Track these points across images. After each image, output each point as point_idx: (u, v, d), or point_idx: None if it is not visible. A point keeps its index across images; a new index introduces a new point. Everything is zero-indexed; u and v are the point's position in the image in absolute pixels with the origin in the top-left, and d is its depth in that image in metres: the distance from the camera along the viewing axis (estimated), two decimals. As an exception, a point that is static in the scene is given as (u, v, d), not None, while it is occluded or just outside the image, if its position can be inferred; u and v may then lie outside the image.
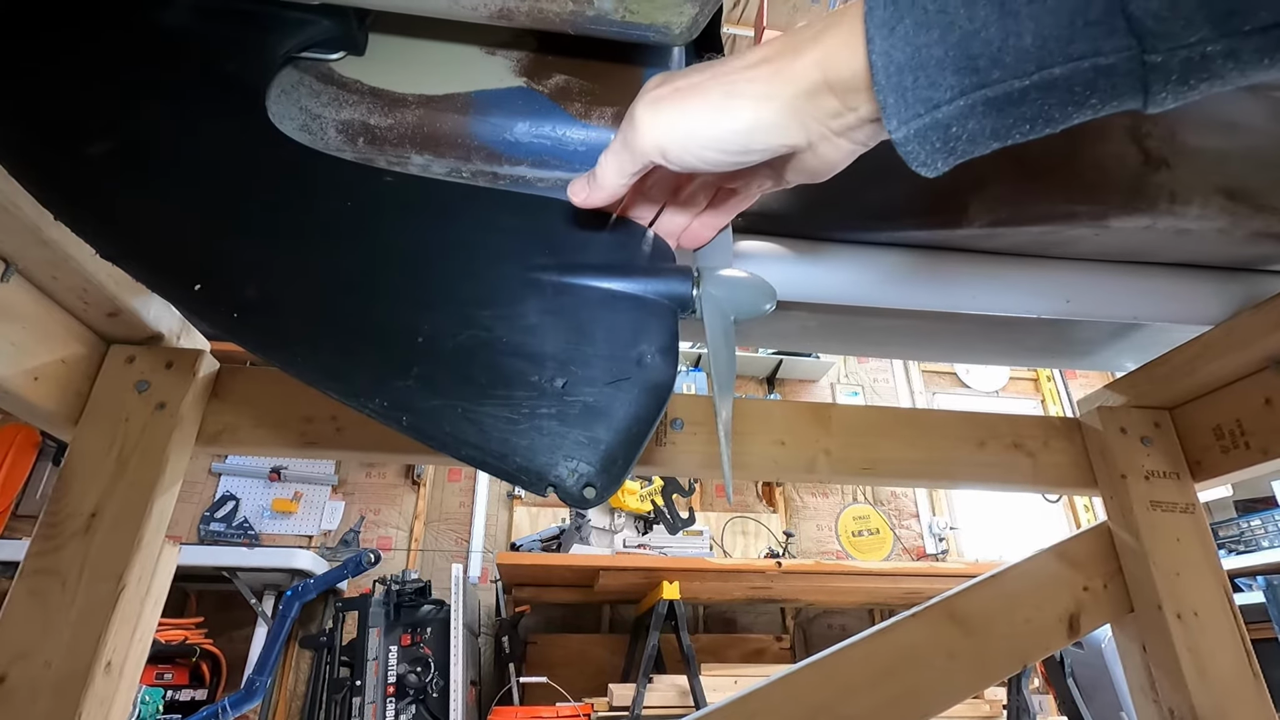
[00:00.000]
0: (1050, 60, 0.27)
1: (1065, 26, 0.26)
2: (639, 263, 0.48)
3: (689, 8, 0.43)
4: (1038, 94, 0.28)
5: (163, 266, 0.43)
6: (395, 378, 0.41)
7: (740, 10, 3.05)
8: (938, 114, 0.29)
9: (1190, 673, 0.73)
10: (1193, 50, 0.25)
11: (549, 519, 3.17)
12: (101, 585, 0.60)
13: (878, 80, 0.30)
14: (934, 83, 0.29)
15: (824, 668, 0.74)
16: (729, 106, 0.35)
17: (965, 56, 0.28)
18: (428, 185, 0.51)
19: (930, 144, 0.30)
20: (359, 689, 2.31)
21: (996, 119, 0.29)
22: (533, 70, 0.54)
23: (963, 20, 0.28)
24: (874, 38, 0.30)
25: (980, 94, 0.28)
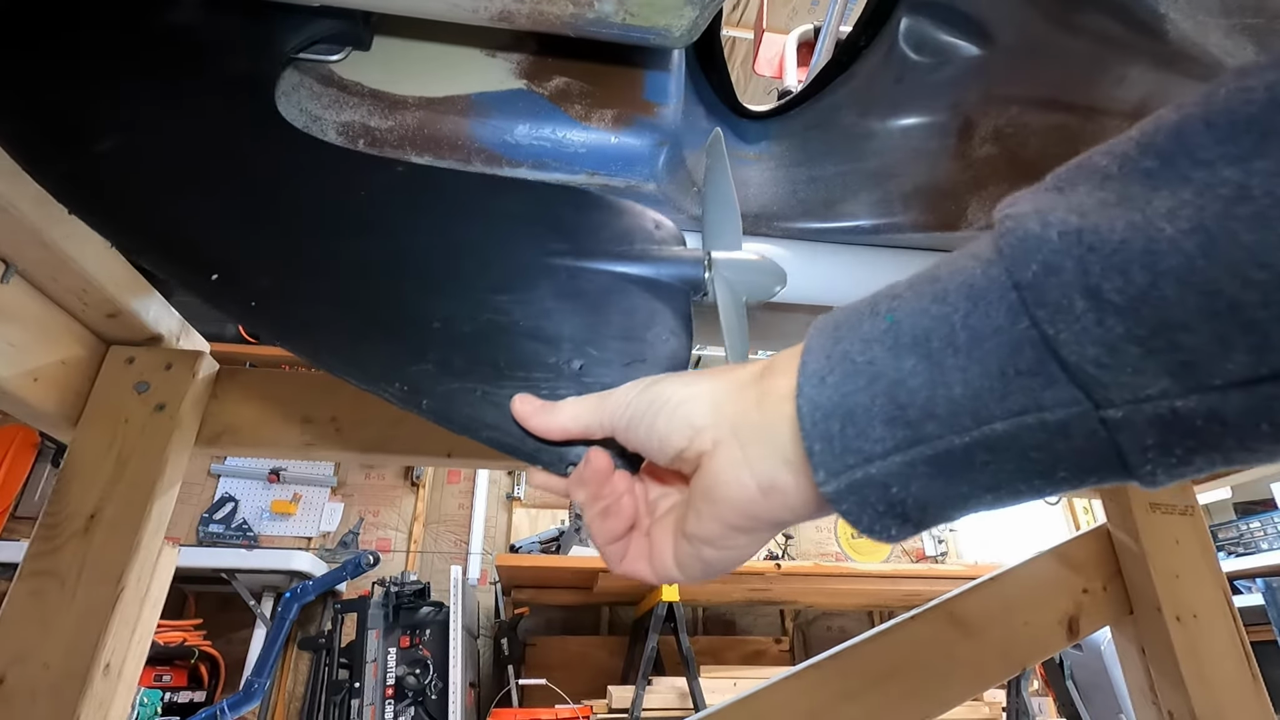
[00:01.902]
0: (988, 413, 0.24)
1: (996, 376, 0.24)
2: (651, 247, 0.49)
3: (689, 11, 0.43)
4: (986, 456, 0.25)
5: (179, 258, 0.43)
6: (413, 362, 0.41)
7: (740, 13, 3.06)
8: (871, 469, 0.26)
9: (1189, 675, 0.73)
10: (1158, 405, 0.22)
11: (548, 521, 3.16)
12: (100, 587, 0.60)
13: (803, 426, 0.28)
14: (863, 433, 0.26)
15: (823, 670, 0.74)
16: (672, 383, 0.34)
17: (894, 405, 0.26)
18: (439, 174, 0.52)
19: (870, 505, 0.27)
20: (358, 691, 2.31)
21: (946, 483, 0.26)
22: (533, 72, 0.54)
23: (889, 369, 0.26)
24: (803, 387, 0.28)
25: (918, 450, 0.26)
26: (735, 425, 0.31)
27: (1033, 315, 0.23)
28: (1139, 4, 0.46)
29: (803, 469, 0.29)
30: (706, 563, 0.34)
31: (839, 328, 0.29)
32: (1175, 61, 0.51)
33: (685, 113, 0.59)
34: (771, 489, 0.30)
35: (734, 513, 0.31)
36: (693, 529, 0.33)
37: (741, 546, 0.33)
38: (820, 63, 1.41)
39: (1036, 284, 0.23)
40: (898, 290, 0.28)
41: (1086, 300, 0.22)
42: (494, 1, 0.43)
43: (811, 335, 0.30)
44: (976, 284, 0.25)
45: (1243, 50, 0.44)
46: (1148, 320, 0.21)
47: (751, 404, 0.31)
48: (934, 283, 0.27)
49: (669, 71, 0.56)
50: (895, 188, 0.66)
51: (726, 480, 0.31)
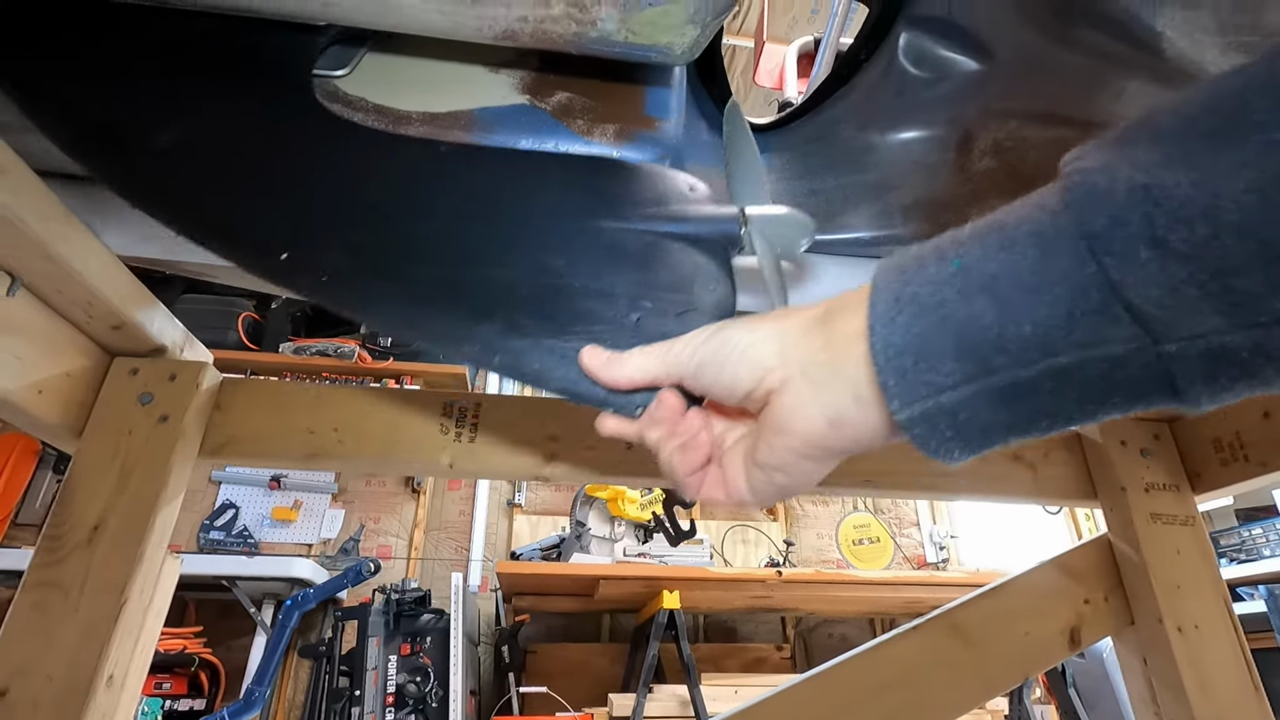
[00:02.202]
0: (1054, 348, 0.26)
1: (1064, 315, 0.26)
2: (689, 207, 0.52)
3: (691, 29, 0.43)
4: (1049, 385, 0.27)
5: (247, 241, 0.45)
6: (482, 323, 0.44)
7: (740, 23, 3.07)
8: (942, 399, 0.29)
9: (1192, 686, 0.73)
10: (1210, 341, 0.24)
11: (549, 528, 3.16)
12: (104, 598, 0.60)
13: (877, 362, 0.30)
14: (934, 367, 0.29)
15: (825, 680, 0.74)
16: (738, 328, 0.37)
17: (965, 343, 0.28)
18: (480, 152, 0.54)
19: (939, 431, 0.30)
20: (358, 698, 2.30)
21: (1009, 411, 0.28)
22: (535, 88, 0.55)
23: (959, 310, 0.28)
24: (875, 327, 0.30)
25: (986, 382, 0.28)
26: (803, 365, 0.33)
27: (1100, 262, 0.25)
28: (1136, 22, 0.47)
29: (871, 403, 0.31)
30: (779, 486, 0.37)
31: (904, 271, 0.31)
32: (1172, 77, 0.51)
33: (686, 127, 0.60)
34: (839, 422, 0.33)
35: (803, 444, 0.34)
36: (764, 459, 0.36)
37: (810, 472, 0.36)
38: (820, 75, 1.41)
39: (1105, 235, 0.25)
40: (961, 237, 0.30)
41: (1151, 249, 0.24)
42: (498, 21, 0.43)
43: (878, 279, 0.32)
44: (1044, 232, 0.27)
45: (1239, 67, 0.44)
46: (1207, 267, 0.23)
47: (819, 345, 0.33)
48: (1000, 230, 0.29)
49: (670, 87, 0.57)
50: (895, 200, 0.66)
51: (796, 416, 0.33)
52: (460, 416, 0.76)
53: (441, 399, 0.77)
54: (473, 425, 0.76)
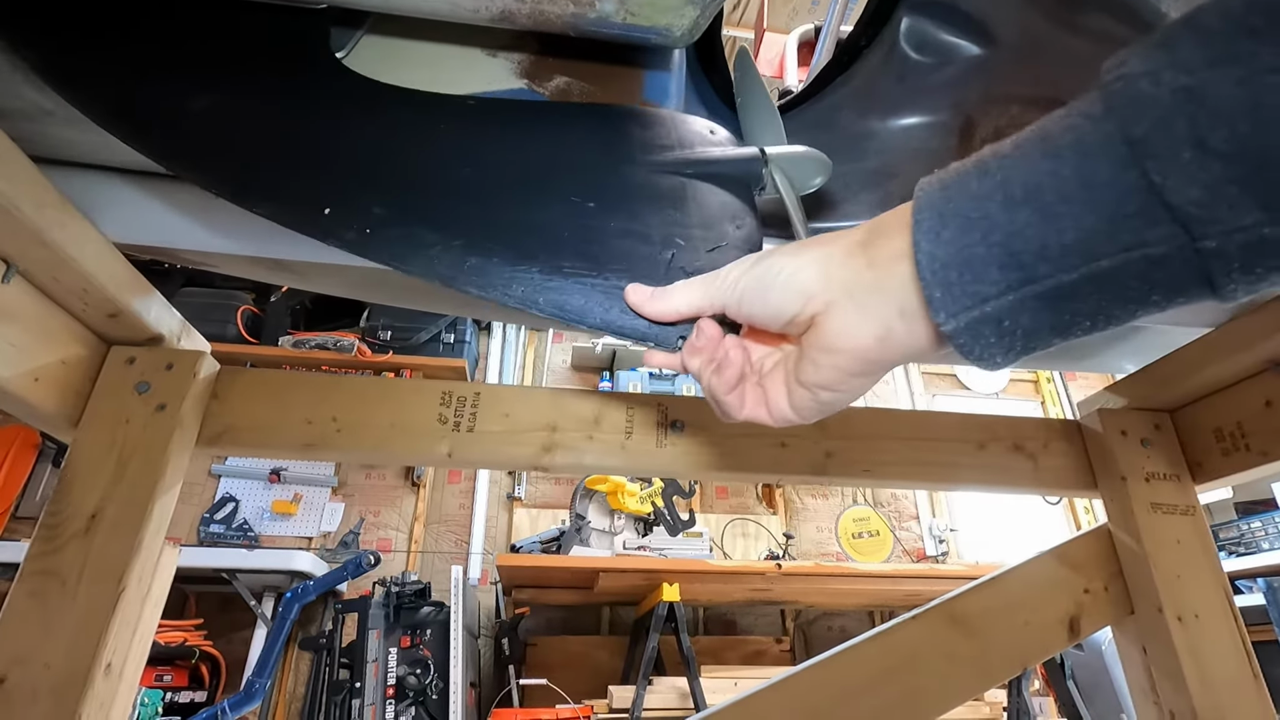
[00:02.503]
0: (1096, 252, 0.27)
1: (1106, 221, 0.27)
2: (712, 149, 0.54)
3: (690, 10, 0.43)
4: (1090, 288, 0.28)
5: (289, 200, 0.46)
6: (525, 266, 0.46)
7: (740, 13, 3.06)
8: (986, 308, 0.30)
9: (1191, 675, 0.73)
10: (1249, 234, 0.25)
11: (549, 521, 3.16)
12: (101, 587, 0.60)
13: (923, 276, 0.31)
14: (979, 277, 0.30)
15: (824, 670, 0.74)
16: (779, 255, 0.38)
17: (1009, 253, 0.29)
18: (507, 105, 0.55)
19: (984, 338, 0.31)
20: (358, 691, 2.31)
21: (1052, 314, 0.29)
22: (534, 72, 0.54)
23: (1003, 222, 0.29)
24: (919, 242, 0.31)
25: (1030, 289, 0.29)
26: (848, 286, 0.34)
27: (1142, 166, 0.26)
28: (1141, 4, 0.46)
29: (917, 315, 0.32)
30: (824, 403, 0.38)
31: (947, 188, 0.31)
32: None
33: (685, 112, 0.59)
34: (887, 337, 0.34)
35: (852, 360, 0.35)
36: (810, 378, 0.37)
37: (857, 387, 0.37)
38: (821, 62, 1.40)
39: (1147, 139, 0.25)
40: (1003, 150, 0.30)
41: (1194, 150, 0.24)
42: (495, 1, 0.43)
43: (921, 196, 0.32)
44: (1086, 139, 0.27)
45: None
46: (1249, 162, 0.24)
47: (862, 266, 0.34)
48: (1043, 140, 0.29)
49: (669, 71, 0.56)
50: (896, 188, 0.66)
51: (844, 333, 0.35)
52: (459, 406, 0.76)
53: (440, 389, 0.76)
54: (471, 415, 0.75)
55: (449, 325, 3.19)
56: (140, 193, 0.64)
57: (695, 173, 0.52)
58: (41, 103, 0.53)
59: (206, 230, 0.64)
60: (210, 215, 0.64)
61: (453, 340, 3.18)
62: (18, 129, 0.54)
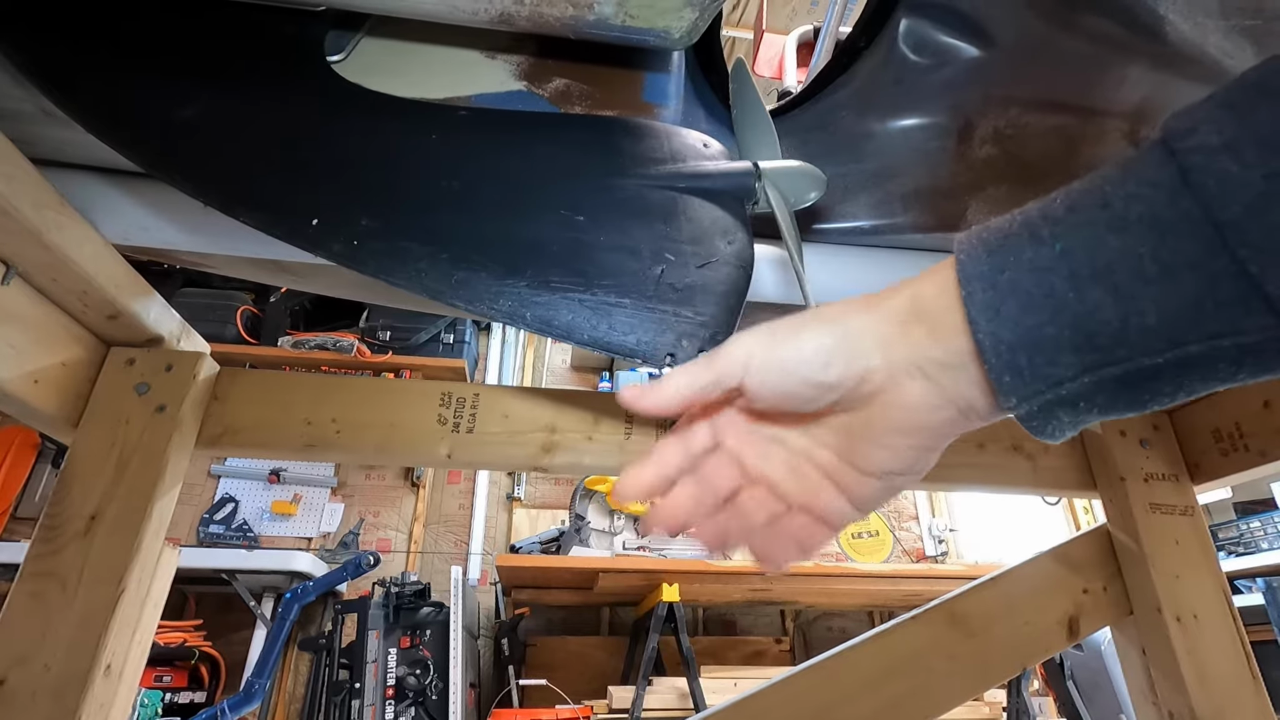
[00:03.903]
0: (1183, 339, 0.25)
1: (1191, 307, 0.25)
2: (704, 163, 0.54)
3: (689, 12, 0.43)
4: (1176, 372, 0.26)
5: (278, 208, 0.46)
6: (512, 281, 0.46)
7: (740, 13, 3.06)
8: (1061, 391, 0.28)
9: (1190, 675, 0.73)
10: None
11: (548, 521, 3.16)
12: (101, 588, 0.60)
13: (989, 360, 0.29)
14: (1052, 361, 0.27)
15: (824, 670, 0.74)
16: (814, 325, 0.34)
17: (1083, 335, 0.27)
18: (499, 115, 0.54)
19: (1056, 419, 0.29)
20: (358, 691, 2.31)
21: (1130, 393, 0.27)
22: (533, 74, 0.55)
23: (1073, 301, 0.27)
24: (977, 320, 0.29)
25: (1108, 371, 0.27)
26: (916, 361, 0.31)
27: (1235, 254, 0.24)
28: (1139, 6, 0.46)
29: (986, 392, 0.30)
30: (896, 488, 0.36)
31: (994, 253, 0.29)
32: (1174, 63, 0.51)
33: (685, 114, 0.59)
34: (970, 410, 0.31)
35: (933, 437, 0.33)
36: (882, 464, 0.34)
37: (931, 462, 0.35)
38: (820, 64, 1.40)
39: (1240, 225, 0.23)
40: (1054, 214, 0.28)
41: None
42: (494, 4, 0.43)
43: (963, 259, 0.30)
44: (1162, 216, 0.25)
45: (1241, 51, 0.44)
46: None
47: (925, 339, 0.31)
48: (1105, 209, 0.27)
49: (668, 73, 0.56)
50: (895, 189, 0.66)
51: (923, 409, 0.32)
52: (458, 407, 0.76)
53: (440, 389, 0.76)
54: (471, 416, 0.75)
55: (448, 326, 3.19)
56: (140, 194, 0.64)
57: (687, 187, 0.52)
58: (42, 104, 0.53)
59: (206, 232, 0.64)
60: (209, 217, 0.64)
61: (452, 341, 3.18)
62: (18, 131, 0.54)
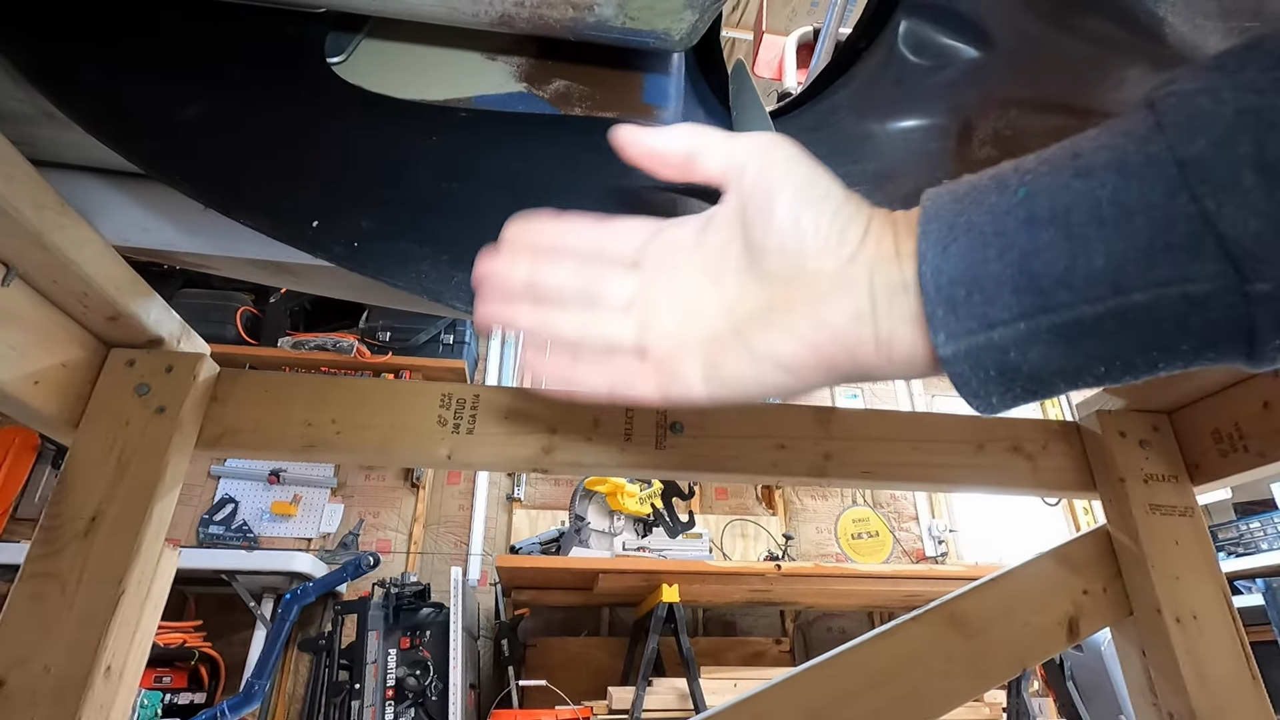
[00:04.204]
0: (1128, 284, 0.24)
1: (1143, 249, 0.24)
2: None
3: (689, 14, 0.43)
4: (1114, 325, 0.25)
5: (276, 211, 0.46)
6: None
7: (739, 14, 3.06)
8: (993, 334, 0.26)
9: (1190, 676, 0.73)
10: None
11: (548, 522, 3.16)
12: (101, 589, 0.60)
13: (926, 290, 0.27)
14: (990, 299, 0.26)
15: (823, 671, 0.74)
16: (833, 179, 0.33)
17: (1026, 274, 0.26)
18: (502, 117, 0.54)
19: (983, 369, 0.27)
20: (358, 692, 2.31)
21: (1065, 353, 0.26)
22: (533, 75, 0.55)
23: (1023, 240, 0.26)
24: (925, 253, 0.28)
25: (1045, 319, 0.26)
26: (874, 264, 0.29)
27: (1194, 191, 0.23)
28: (1138, 7, 0.47)
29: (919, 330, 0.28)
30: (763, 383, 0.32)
31: (959, 199, 0.28)
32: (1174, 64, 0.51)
33: (685, 116, 0.59)
34: (890, 341, 0.29)
35: (837, 346, 0.30)
36: (777, 346, 0.31)
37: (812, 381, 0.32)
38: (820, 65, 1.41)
39: (1203, 160, 0.23)
40: (1025, 166, 0.27)
41: (1258, 175, 0.22)
42: (494, 6, 0.43)
43: (928, 205, 0.29)
44: (1128, 159, 0.25)
45: (1241, 53, 0.44)
46: None
47: (892, 254, 0.29)
48: (1074, 158, 0.26)
49: (669, 75, 0.56)
50: (895, 190, 0.66)
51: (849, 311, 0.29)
52: (458, 408, 0.76)
53: (440, 390, 0.76)
54: (471, 417, 0.75)
55: (448, 326, 3.20)
56: (140, 195, 0.64)
57: (687, 188, 0.52)
58: (42, 105, 0.53)
59: (206, 233, 0.64)
60: (210, 218, 0.64)
61: (452, 341, 3.18)
62: (18, 131, 0.54)
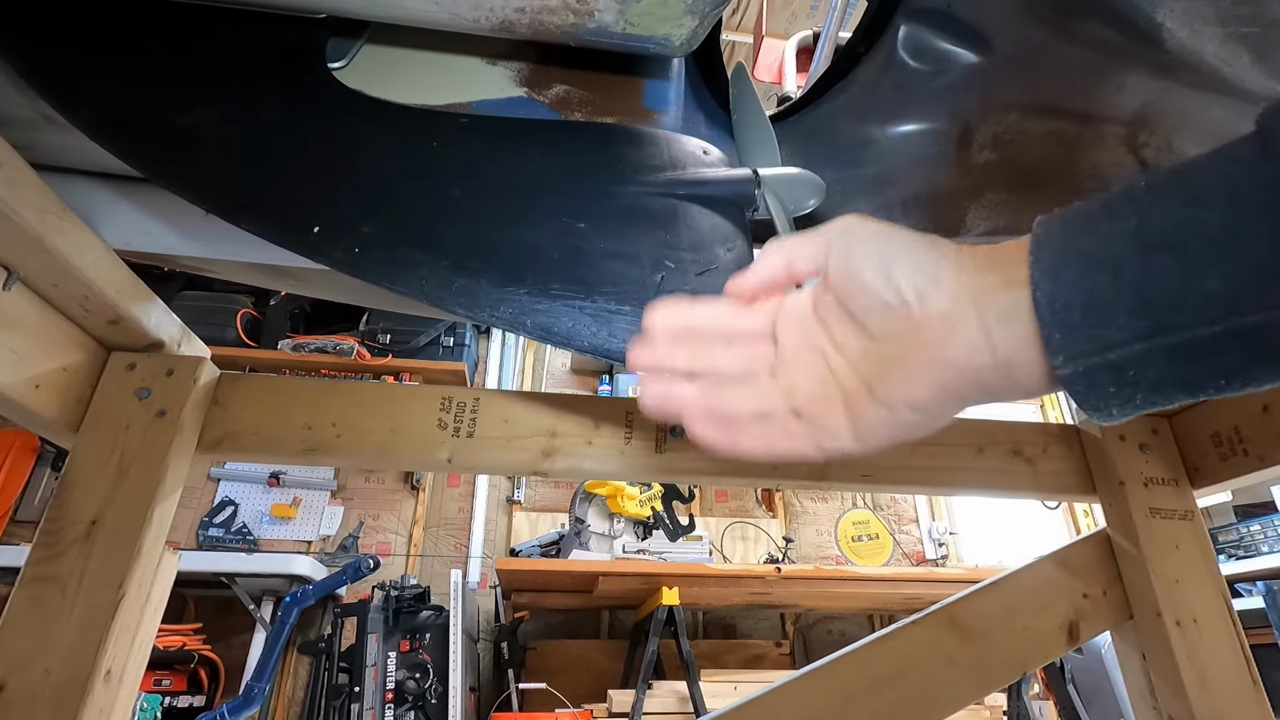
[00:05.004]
0: (1243, 306, 0.25)
1: (1257, 273, 0.24)
2: (704, 170, 0.54)
3: (689, 20, 0.43)
4: (1232, 344, 0.25)
5: (278, 217, 0.46)
6: (513, 288, 0.46)
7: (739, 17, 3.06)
8: (1110, 355, 0.27)
9: (1190, 680, 0.73)
10: None
11: (548, 524, 3.16)
12: (101, 593, 0.60)
13: (1041, 315, 0.28)
14: (1105, 322, 0.27)
15: (824, 675, 0.74)
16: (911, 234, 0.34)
17: (1140, 299, 0.26)
18: (499, 122, 0.54)
19: (1101, 387, 0.28)
20: (357, 695, 2.30)
21: (1184, 369, 0.27)
22: (534, 80, 0.55)
23: (1135, 264, 0.26)
24: (1038, 280, 0.28)
25: (1162, 340, 0.26)
26: (978, 296, 0.31)
27: None
28: (1137, 13, 0.47)
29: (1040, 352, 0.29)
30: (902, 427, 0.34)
31: (1069, 227, 0.29)
32: (1172, 69, 0.51)
33: (684, 119, 0.59)
34: (1009, 364, 0.30)
35: (959, 379, 0.31)
36: (901, 393, 0.33)
37: (947, 413, 0.33)
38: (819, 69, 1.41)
39: None
40: (1135, 194, 0.28)
41: None
42: (495, 12, 0.43)
43: (1040, 232, 0.30)
44: (1239, 184, 0.25)
45: (1239, 59, 0.44)
46: None
47: (998, 283, 0.30)
48: (1184, 184, 0.27)
49: (669, 79, 0.57)
50: (894, 194, 0.66)
51: (964, 345, 0.31)
52: (459, 412, 0.76)
53: (440, 394, 0.76)
54: (471, 421, 0.76)
55: (448, 329, 3.20)
56: (141, 200, 0.64)
57: (687, 194, 0.52)
58: (43, 111, 0.53)
59: (207, 237, 0.64)
60: (211, 223, 0.64)
61: (452, 344, 3.18)
62: (21, 136, 0.54)
